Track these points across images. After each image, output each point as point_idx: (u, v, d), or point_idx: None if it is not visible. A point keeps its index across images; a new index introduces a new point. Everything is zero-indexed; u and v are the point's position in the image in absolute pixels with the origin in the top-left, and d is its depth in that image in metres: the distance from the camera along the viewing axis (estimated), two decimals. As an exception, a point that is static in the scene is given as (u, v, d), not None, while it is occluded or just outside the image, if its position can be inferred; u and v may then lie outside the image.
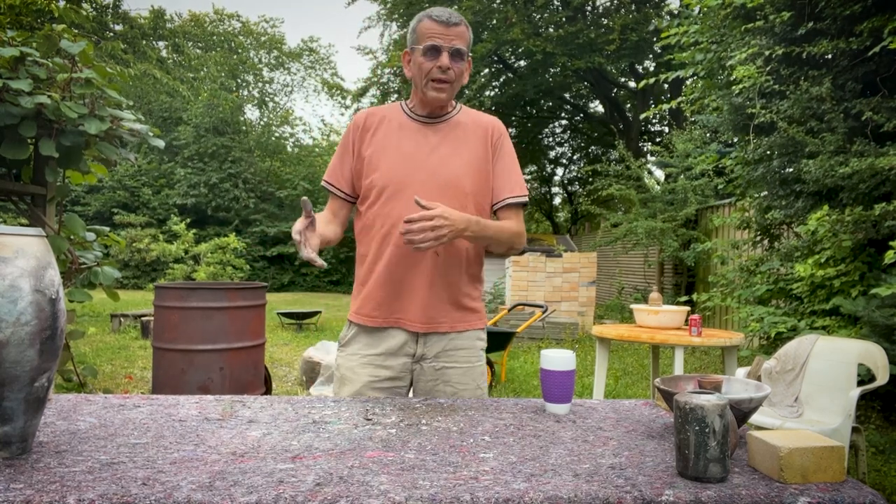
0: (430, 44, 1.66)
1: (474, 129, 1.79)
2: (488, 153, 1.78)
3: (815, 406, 3.17)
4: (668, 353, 5.84)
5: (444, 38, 1.66)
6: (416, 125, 1.77)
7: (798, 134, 4.51)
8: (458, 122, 1.79)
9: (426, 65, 1.68)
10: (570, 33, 13.17)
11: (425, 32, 1.68)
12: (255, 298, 4.17)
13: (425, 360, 1.76)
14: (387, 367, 1.74)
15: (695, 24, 6.08)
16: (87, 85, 3.20)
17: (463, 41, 1.69)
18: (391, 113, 1.80)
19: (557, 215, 25.47)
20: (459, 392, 1.76)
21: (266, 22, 28.04)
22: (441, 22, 1.66)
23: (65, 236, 3.56)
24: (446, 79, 1.69)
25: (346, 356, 1.79)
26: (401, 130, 1.76)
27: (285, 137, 25.33)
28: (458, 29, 1.68)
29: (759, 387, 1.38)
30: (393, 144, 1.74)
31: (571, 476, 1.07)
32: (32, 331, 1.08)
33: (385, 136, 1.75)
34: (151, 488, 0.97)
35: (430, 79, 1.68)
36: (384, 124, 1.77)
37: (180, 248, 16.75)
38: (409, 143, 1.74)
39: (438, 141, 1.75)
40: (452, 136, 1.76)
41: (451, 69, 1.68)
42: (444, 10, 1.69)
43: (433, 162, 1.72)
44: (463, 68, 1.72)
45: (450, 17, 1.67)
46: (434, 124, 1.77)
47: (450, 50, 1.67)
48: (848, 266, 4.38)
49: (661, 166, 11.13)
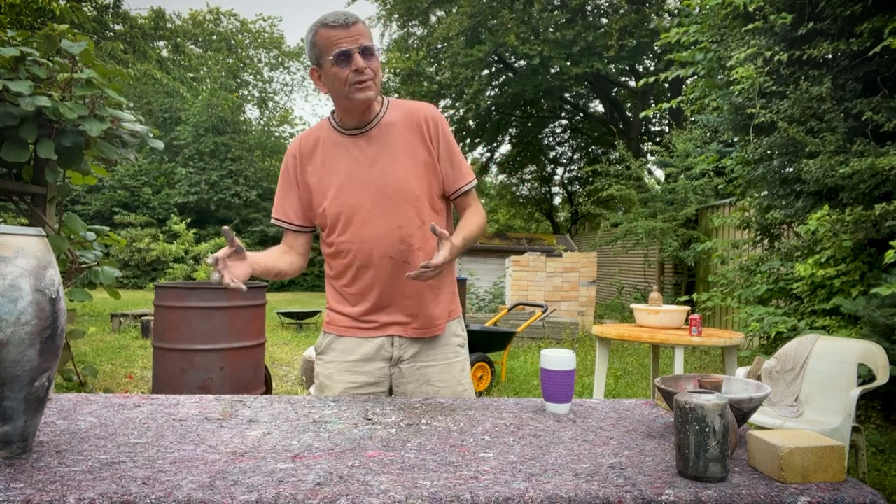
0: (339, 50, 1.58)
1: (407, 127, 1.71)
2: (429, 147, 1.71)
3: (815, 406, 3.17)
4: (668, 353, 5.84)
5: (350, 40, 1.59)
6: (349, 140, 1.71)
7: (798, 134, 4.51)
8: (388, 123, 1.71)
9: (342, 73, 1.60)
10: (569, 38, 13.15)
11: (328, 41, 1.60)
12: (255, 298, 4.17)
13: (402, 362, 1.75)
14: (363, 373, 1.74)
15: (695, 24, 6.08)
16: (88, 86, 3.20)
17: (367, 37, 1.62)
18: (323, 132, 1.74)
19: (557, 215, 25.46)
20: (441, 390, 1.76)
21: (264, 21, 28.04)
22: (339, 25, 1.59)
23: (65, 236, 3.56)
24: (366, 77, 1.61)
25: (324, 364, 1.79)
26: (336, 150, 1.71)
27: (285, 137, 25.35)
28: (358, 27, 1.61)
29: (759, 387, 1.38)
30: (333, 168, 1.70)
31: (571, 475, 1.07)
32: (33, 330, 1.08)
33: (323, 160, 1.71)
34: (152, 488, 0.97)
35: (350, 84, 1.61)
36: (319, 147, 1.73)
37: (180, 248, 16.76)
38: (347, 163, 1.69)
39: (375, 151, 1.69)
40: (387, 142, 1.70)
41: (367, 68, 1.61)
42: (337, 13, 1.61)
43: (376, 176, 1.67)
44: (377, 64, 1.64)
45: (346, 17, 1.60)
46: (365, 134, 1.70)
47: (359, 49, 1.60)
48: (848, 266, 4.38)
49: (661, 166, 11.13)
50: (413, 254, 1.68)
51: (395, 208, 1.66)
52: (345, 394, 1.73)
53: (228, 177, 19.99)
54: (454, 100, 15.70)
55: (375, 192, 1.67)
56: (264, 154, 22.45)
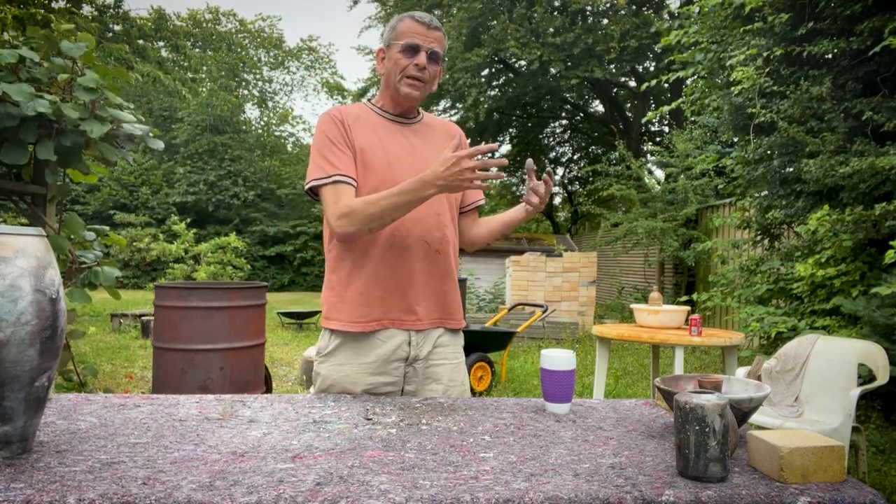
0: (410, 41, 1.67)
1: (442, 134, 1.83)
2: None
3: (815, 406, 3.17)
4: (669, 353, 5.84)
5: (424, 39, 1.68)
6: (394, 125, 1.76)
7: (798, 134, 4.51)
8: (429, 125, 1.83)
9: (403, 61, 1.68)
10: (568, 42, 13.14)
11: (406, 31, 1.69)
12: (255, 298, 4.17)
13: (417, 361, 1.74)
14: (381, 374, 1.70)
15: (695, 25, 6.08)
16: (89, 91, 3.20)
17: (440, 45, 1.71)
18: (361, 112, 1.75)
19: (558, 215, 25.44)
20: (450, 389, 1.76)
21: (263, 20, 28.04)
22: (423, 23, 1.69)
23: (65, 236, 3.56)
24: (421, 77, 1.69)
25: (333, 366, 1.70)
26: (381, 128, 1.74)
27: (285, 137, 25.35)
28: (438, 33, 1.71)
29: (759, 386, 1.38)
30: (377, 144, 1.70)
31: (572, 476, 1.07)
32: (33, 330, 1.08)
33: (365, 134, 1.71)
34: (152, 488, 0.97)
35: (405, 75, 1.69)
36: (359, 122, 1.72)
37: (180, 248, 16.75)
38: (393, 144, 1.72)
39: (420, 142, 1.77)
40: (430, 138, 1.79)
41: (426, 69, 1.69)
42: (427, 15, 1.72)
43: (418, 163, 1.72)
44: (437, 72, 1.73)
45: (431, 20, 1.70)
46: (410, 125, 1.78)
47: (428, 51, 1.68)
48: (848, 266, 4.38)
49: (661, 166, 11.13)
50: (446, 244, 1.74)
51: (436, 197, 1.69)
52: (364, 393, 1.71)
53: (227, 177, 19.98)
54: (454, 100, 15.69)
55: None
56: (264, 154, 22.44)
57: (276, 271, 19.70)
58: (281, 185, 21.17)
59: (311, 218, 20.25)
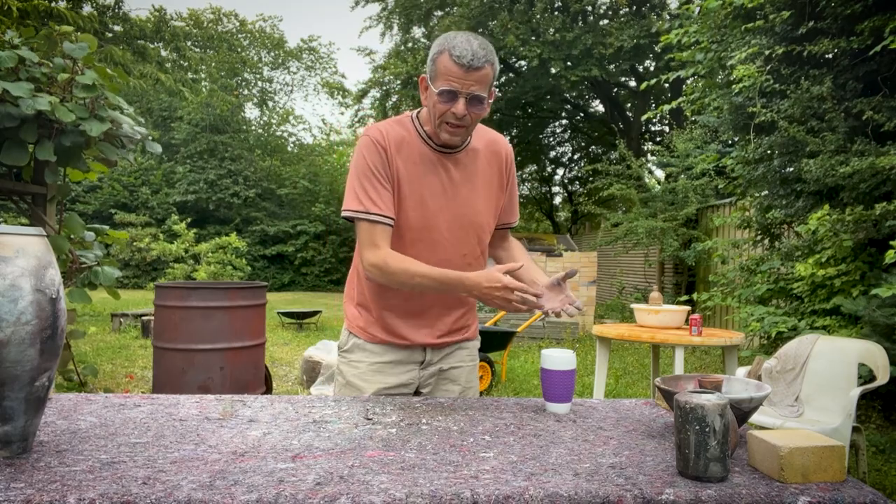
0: (446, 88, 1.52)
1: (489, 158, 1.73)
2: (503, 182, 1.77)
3: (815, 406, 3.17)
4: (669, 353, 5.84)
5: (462, 84, 1.51)
6: (437, 156, 1.66)
7: (798, 133, 4.51)
8: (474, 150, 1.71)
9: (440, 106, 1.55)
10: (568, 41, 13.13)
11: (443, 72, 1.53)
12: (255, 298, 4.17)
13: (432, 364, 1.78)
14: (395, 375, 1.74)
15: (695, 24, 6.08)
16: (89, 89, 3.20)
17: (483, 85, 1.54)
18: (408, 135, 1.65)
19: (558, 215, 25.44)
20: (466, 391, 1.81)
21: (264, 21, 28.03)
22: (462, 65, 1.50)
23: (65, 236, 3.56)
24: (460, 125, 1.57)
25: (351, 364, 1.77)
26: (423, 162, 1.65)
27: (285, 137, 25.33)
28: (480, 73, 1.52)
29: (759, 386, 1.38)
30: (418, 180, 1.64)
31: (572, 475, 1.07)
32: (33, 330, 1.08)
33: (407, 166, 1.63)
34: (152, 488, 0.97)
35: (442, 121, 1.57)
36: (404, 149, 1.63)
37: (180, 248, 16.75)
38: (433, 181, 1.65)
39: (460, 178, 1.68)
40: (472, 170, 1.70)
41: (466, 115, 1.55)
42: (468, 48, 1.51)
43: (457, 203, 1.67)
44: (481, 112, 1.58)
45: (472, 58, 1.50)
46: (453, 156, 1.68)
47: (467, 97, 1.53)
48: (848, 266, 4.37)
49: (661, 166, 11.12)
50: None
51: (465, 237, 1.69)
52: (377, 394, 1.73)
53: (227, 176, 19.96)
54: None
55: (452, 219, 1.67)
56: (264, 154, 22.43)
57: (276, 271, 19.69)
58: (281, 185, 21.16)
59: (311, 218, 20.23)
